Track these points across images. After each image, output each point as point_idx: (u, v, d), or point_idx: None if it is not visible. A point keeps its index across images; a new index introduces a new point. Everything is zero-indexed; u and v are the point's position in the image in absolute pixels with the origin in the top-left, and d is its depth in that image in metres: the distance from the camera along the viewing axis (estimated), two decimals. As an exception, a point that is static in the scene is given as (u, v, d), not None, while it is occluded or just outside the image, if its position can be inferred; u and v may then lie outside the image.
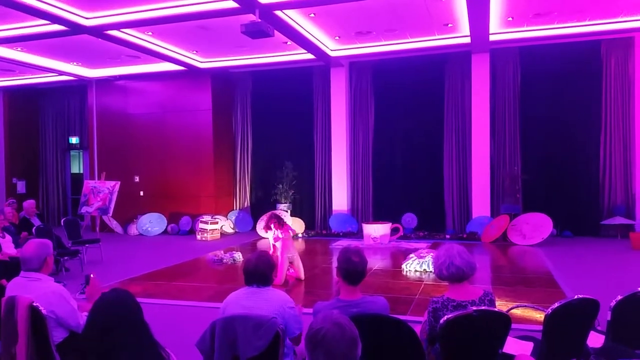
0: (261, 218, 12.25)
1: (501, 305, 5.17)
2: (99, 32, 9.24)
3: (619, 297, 3.07)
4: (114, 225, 13.10)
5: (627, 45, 10.61)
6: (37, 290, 3.07)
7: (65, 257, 7.97)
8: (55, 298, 3.06)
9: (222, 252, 9.42)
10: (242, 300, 2.96)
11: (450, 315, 2.66)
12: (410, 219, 11.69)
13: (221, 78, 13.07)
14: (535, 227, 10.17)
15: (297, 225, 12.09)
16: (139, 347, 2.10)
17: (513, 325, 2.81)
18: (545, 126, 11.32)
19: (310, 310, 3.04)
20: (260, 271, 3.01)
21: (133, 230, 12.91)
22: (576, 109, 11.09)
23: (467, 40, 10.29)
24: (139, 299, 2.26)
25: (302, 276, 7.24)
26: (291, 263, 7.18)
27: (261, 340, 2.72)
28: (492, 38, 10.24)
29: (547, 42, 10.58)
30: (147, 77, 13.07)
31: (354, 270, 2.92)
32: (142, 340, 2.13)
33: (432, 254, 7.76)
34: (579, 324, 2.95)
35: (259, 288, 3.00)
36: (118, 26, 9.05)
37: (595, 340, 3.16)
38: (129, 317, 2.12)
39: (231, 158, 13.65)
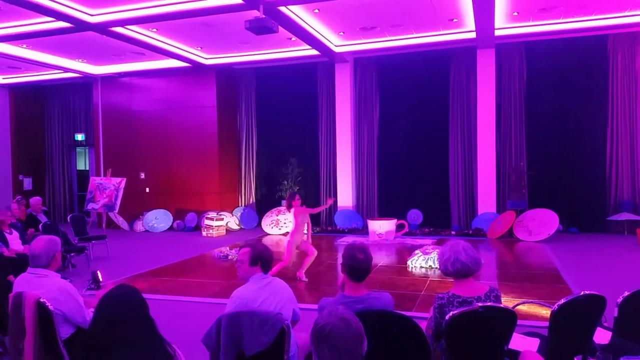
0: (266, 215, 12.29)
1: (507, 301, 5.15)
2: (103, 29, 9.25)
3: (626, 293, 3.05)
4: (120, 221, 13.16)
5: (633, 39, 10.52)
6: (44, 286, 3.09)
7: (72, 254, 8.01)
8: (62, 294, 3.07)
9: (227, 248, 9.44)
10: (257, 295, 2.99)
11: (455, 312, 2.65)
12: (415, 215, 11.67)
13: (226, 74, 13.07)
14: (542, 223, 10.13)
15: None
16: (145, 343, 2.11)
17: (519, 322, 2.80)
18: (551, 121, 11.26)
19: (315, 306, 3.05)
20: (268, 259, 3.15)
21: (139, 226, 12.97)
22: (582, 104, 11.02)
23: (473, 35, 10.24)
24: (145, 295, 2.27)
25: (312, 252, 7.09)
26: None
27: (267, 335, 2.73)
28: (497, 33, 10.18)
29: (553, 37, 10.51)
30: (152, 74, 13.09)
31: (358, 267, 2.91)
32: (148, 336, 2.14)
33: (437, 250, 7.74)
34: (585, 320, 2.94)
35: (265, 276, 3.11)
36: (123, 23, 9.07)
37: (601, 336, 3.15)
38: (134, 313, 2.12)
39: (236, 154, 13.67)
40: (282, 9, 8.46)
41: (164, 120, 13.25)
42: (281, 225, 11.90)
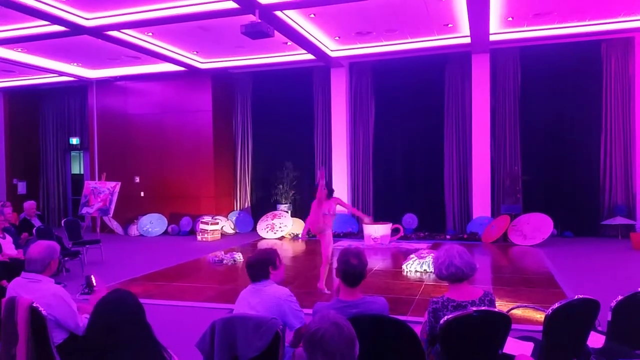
0: (264, 218, 12.28)
1: (501, 305, 5.16)
2: (99, 32, 9.24)
3: (620, 298, 3.06)
4: (115, 226, 13.10)
5: (627, 45, 10.60)
6: (37, 291, 3.08)
7: (66, 258, 7.97)
8: (55, 300, 3.06)
9: (222, 252, 9.42)
10: (248, 297, 3.05)
11: (450, 316, 2.66)
12: (410, 220, 11.68)
13: (221, 78, 13.07)
14: (536, 227, 10.16)
15: (297, 225, 12.09)
16: (140, 348, 2.10)
17: (513, 326, 2.81)
18: (545, 126, 11.31)
19: (310, 311, 3.05)
20: (254, 265, 3.08)
21: (133, 231, 12.92)
22: (576, 108, 11.08)
23: (467, 40, 10.29)
24: (139, 300, 2.26)
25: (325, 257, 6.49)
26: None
27: (261, 340, 2.72)
28: (492, 38, 10.23)
29: (547, 42, 10.58)
30: (148, 78, 13.08)
31: (352, 272, 2.92)
32: (144, 341, 2.13)
33: (432, 254, 7.76)
34: (579, 324, 2.95)
35: (260, 283, 3.06)
36: (118, 27, 9.06)
37: (595, 340, 3.15)
38: (131, 317, 2.12)
39: (231, 158, 13.66)
40: (278, 13, 8.48)
41: (159, 124, 13.23)
42: (276, 230, 11.89)
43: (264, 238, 11.79)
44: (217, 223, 12.05)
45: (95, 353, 2.07)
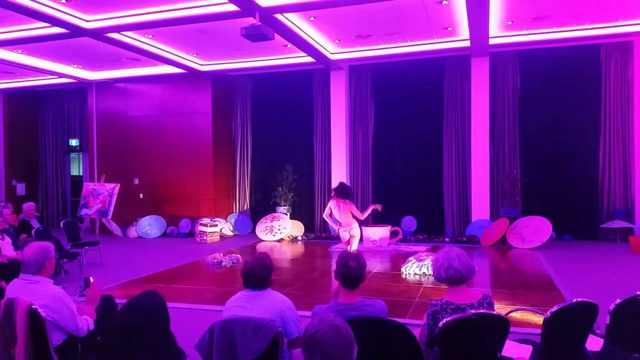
0: (263, 220, 12.28)
1: (500, 308, 5.16)
2: (99, 34, 9.26)
3: (618, 301, 3.07)
4: (114, 227, 13.09)
5: (626, 49, 10.63)
6: (37, 293, 3.07)
7: (65, 260, 7.96)
8: (54, 301, 3.06)
9: (221, 254, 9.40)
10: (243, 302, 2.99)
11: (449, 319, 2.66)
12: (409, 222, 11.68)
13: (221, 81, 13.09)
14: (535, 230, 10.17)
15: (296, 228, 12.10)
16: (160, 350, 2.10)
17: (512, 329, 2.82)
18: (544, 130, 11.33)
19: (309, 313, 3.05)
20: (255, 274, 3.03)
21: (132, 232, 12.91)
22: (575, 112, 11.10)
23: (467, 43, 10.32)
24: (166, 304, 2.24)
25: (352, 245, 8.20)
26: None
27: (260, 342, 2.72)
28: (491, 42, 10.26)
29: (546, 45, 10.61)
30: (147, 80, 13.09)
31: (351, 274, 2.93)
32: (165, 345, 2.13)
33: (431, 257, 7.77)
34: (578, 327, 2.95)
35: (258, 291, 3.02)
36: (119, 29, 9.08)
37: (594, 344, 3.16)
38: (153, 321, 2.11)
39: (231, 161, 13.67)
40: (278, 16, 8.50)
41: (159, 126, 13.24)
42: (275, 232, 11.88)
43: (263, 240, 11.79)
44: (216, 225, 12.05)
45: (115, 352, 2.06)
